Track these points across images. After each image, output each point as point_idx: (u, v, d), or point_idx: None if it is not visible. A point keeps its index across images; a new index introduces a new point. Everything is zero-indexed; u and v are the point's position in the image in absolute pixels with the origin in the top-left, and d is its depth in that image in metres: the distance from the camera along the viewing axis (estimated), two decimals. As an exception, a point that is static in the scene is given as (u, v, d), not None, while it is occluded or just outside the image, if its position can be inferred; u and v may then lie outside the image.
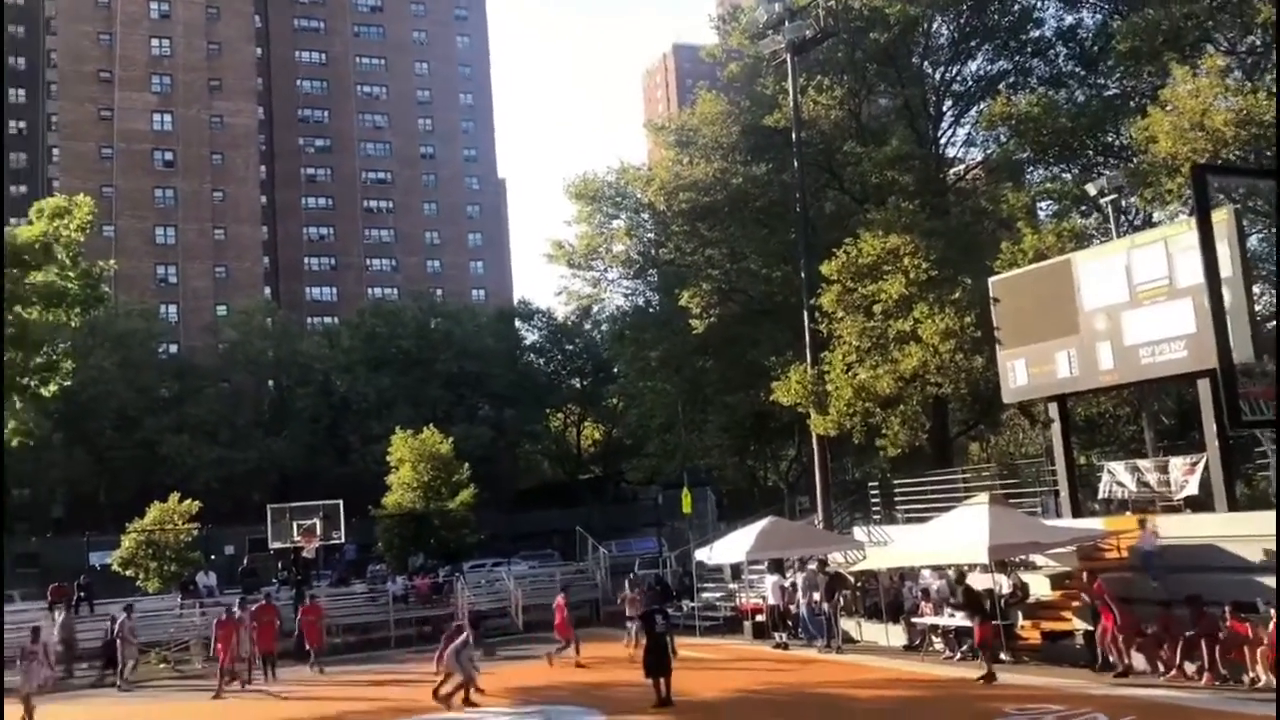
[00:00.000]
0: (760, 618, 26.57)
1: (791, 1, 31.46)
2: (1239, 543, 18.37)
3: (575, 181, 39.60)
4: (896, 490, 30.54)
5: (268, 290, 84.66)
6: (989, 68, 35.78)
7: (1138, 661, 17.53)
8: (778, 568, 25.91)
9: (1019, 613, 20.60)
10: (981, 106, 33.84)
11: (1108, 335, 21.65)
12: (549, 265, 65.99)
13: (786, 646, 24.33)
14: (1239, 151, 23.85)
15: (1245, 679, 15.72)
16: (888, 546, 25.67)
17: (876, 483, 32.62)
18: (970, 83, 36.04)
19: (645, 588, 25.51)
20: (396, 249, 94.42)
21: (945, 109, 36.44)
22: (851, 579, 25.48)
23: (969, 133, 36.97)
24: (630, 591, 26.66)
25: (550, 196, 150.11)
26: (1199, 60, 25.46)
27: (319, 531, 31.16)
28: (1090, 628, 18.48)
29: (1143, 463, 23.71)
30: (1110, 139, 31.22)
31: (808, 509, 38.30)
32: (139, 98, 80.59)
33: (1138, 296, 20.89)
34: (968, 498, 23.60)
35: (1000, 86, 33.72)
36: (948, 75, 36.21)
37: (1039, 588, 21.32)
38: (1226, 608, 16.30)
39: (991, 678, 17.66)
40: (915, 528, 25.22)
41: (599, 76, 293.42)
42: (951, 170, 38.04)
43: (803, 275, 31.00)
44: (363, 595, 34.20)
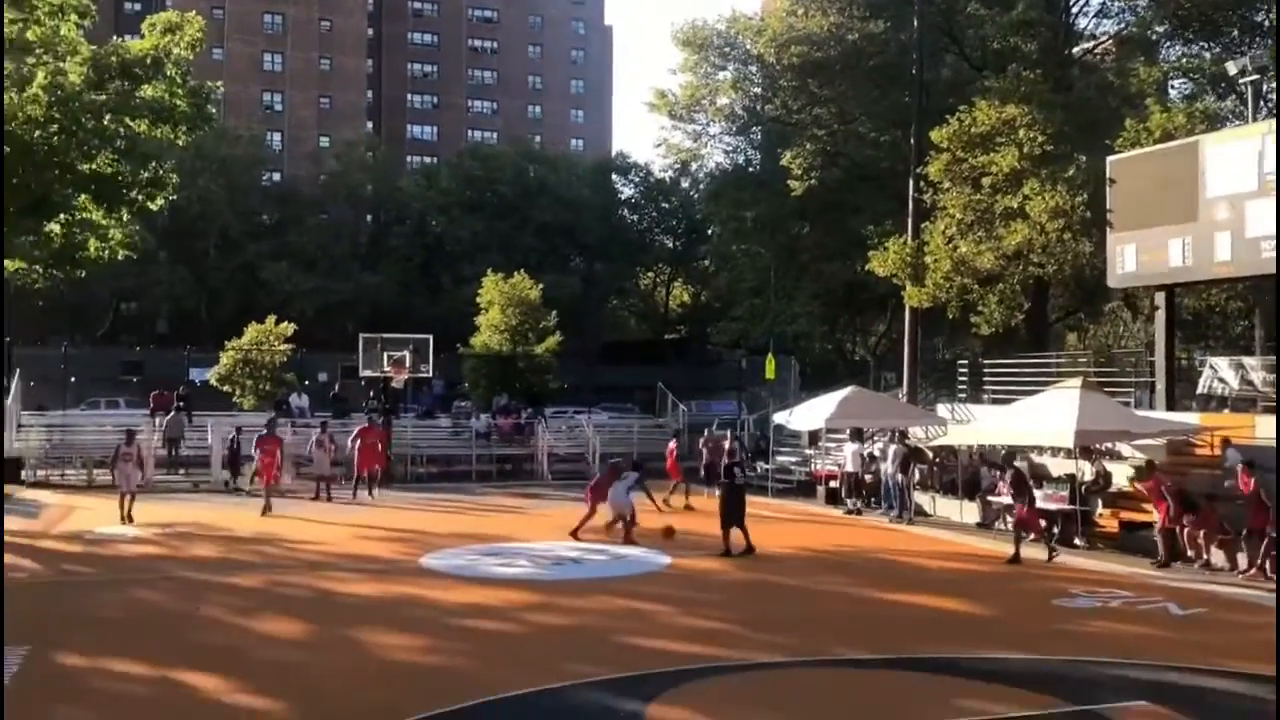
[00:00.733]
0: (834, 484, 26.69)
1: None
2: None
3: (684, 27, 38.41)
4: (986, 371, 30.03)
5: (369, 125, 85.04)
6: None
7: (1216, 559, 17.25)
8: (858, 436, 25.86)
9: (1099, 500, 20.30)
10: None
11: (1229, 225, 20.61)
12: (650, 115, 64.70)
13: (859, 513, 24.45)
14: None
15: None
16: (971, 424, 25.40)
17: (966, 362, 32.11)
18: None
19: (730, 443, 25.72)
20: (498, 91, 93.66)
21: (1080, -28, 34.31)
22: (930, 454, 25.36)
23: (1103, 1, 34.88)
24: (708, 445, 26.89)
25: (657, 48, 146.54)
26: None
27: (408, 364, 31.81)
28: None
29: (1249, 360, 22.88)
30: (1259, 17, 29.17)
31: (893, 385, 37.96)
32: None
33: (1267, 186, 19.72)
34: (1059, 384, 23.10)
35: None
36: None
37: (1122, 478, 20.94)
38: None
39: (1016, 559, 17.54)
40: (1001, 408, 24.85)
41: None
42: (1080, 45, 36.06)
43: (912, 141, 30.00)
44: (447, 429, 35.12)
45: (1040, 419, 20.29)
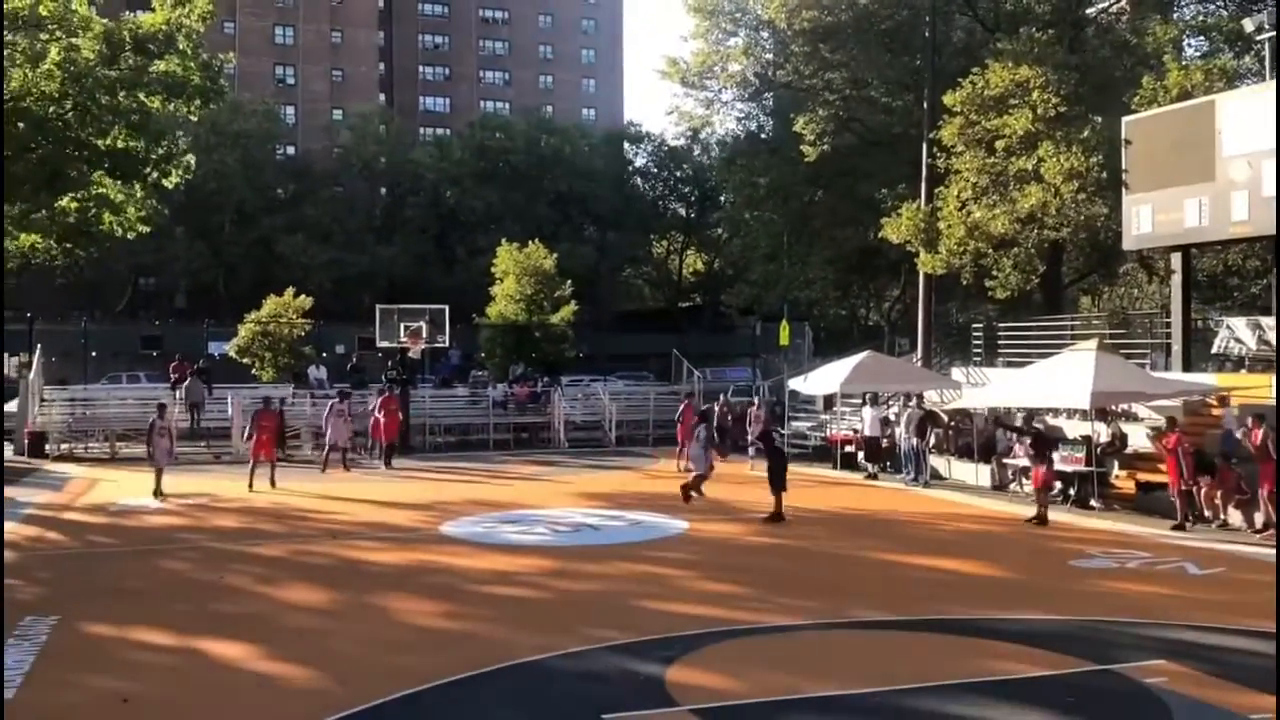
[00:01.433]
0: (849, 448, 26.76)
1: None
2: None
3: (695, -8, 38.21)
4: (1000, 335, 29.96)
5: (382, 97, 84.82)
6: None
7: (1234, 519, 17.28)
8: (875, 401, 25.90)
9: (1115, 462, 20.32)
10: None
11: (1246, 185, 20.47)
12: (662, 83, 64.16)
13: (875, 477, 24.53)
14: None
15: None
16: (986, 387, 25.40)
17: (980, 326, 32.03)
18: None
19: (768, 409, 25.83)
20: (510, 62, 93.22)
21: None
22: (945, 418, 25.39)
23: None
24: (754, 410, 26.94)
25: (668, 15, 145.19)
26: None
27: (424, 334, 31.95)
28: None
29: (1266, 320, 22.75)
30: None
31: (907, 350, 37.90)
32: (262, -107, 79.54)
33: (1285, 144, 19.58)
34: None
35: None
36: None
37: (1138, 439, 20.93)
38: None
39: (1042, 520, 17.61)
40: (1016, 371, 24.83)
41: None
42: (1094, 4, 35.63)
43: (925, 105, 29.78)
44: (464, 399, 35.31)
45: (1056, 381, 20.28)
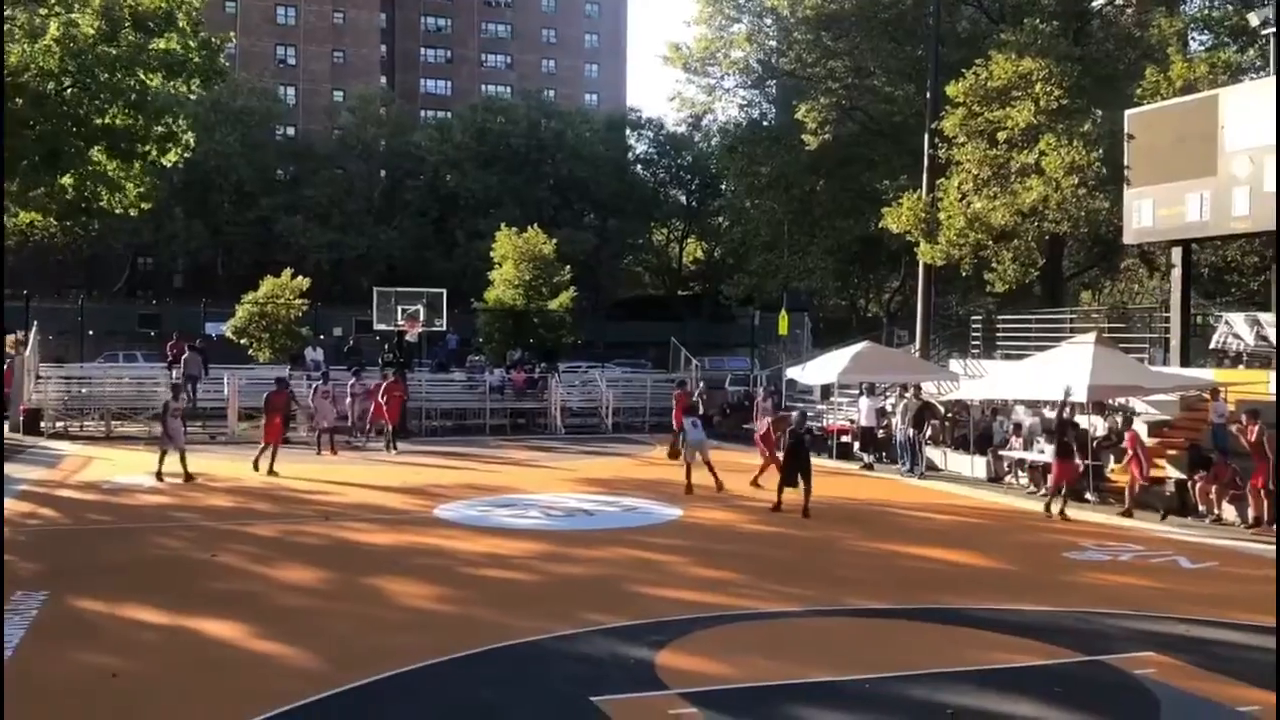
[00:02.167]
0: (846, 439, 26.75)
1: None
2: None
3: (699, -24, 38.08)
4: (999, 327, 29.92)
5: (383, 79, 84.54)
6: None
7: (1228, 513, 17.28)
8: (871, 391, 25.88)
9: (1111, 456, 20.30)
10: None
11: (1248, 180, 20.44)
12: (664, 69, 63.85)
13: (871, 467, 24.53)
14: None
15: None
16: (983, 379, 25.39)
17: (980, 319, 31.99)
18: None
19: (773, 399, 25.73)
20: (512, 45, 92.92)
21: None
22: (942, 409, 25.37)
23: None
24: (760, 401, 26.79)
25: (672, 2, 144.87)
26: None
27: (422, 317, 31.93)
28: (1183, 476, 18.19)
29: (1265, 316, 22.73)
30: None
31: (906, 341, 37.87)
32: None
33: (1287, 139, 19.53)
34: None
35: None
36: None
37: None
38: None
39: (1063, 516, 17.59)
40: (1014, 364, 24.82)
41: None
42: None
43: (928, 95, 29.68)
44: (461, 383, 35.26)
45: (1053, 373, 20.24)
